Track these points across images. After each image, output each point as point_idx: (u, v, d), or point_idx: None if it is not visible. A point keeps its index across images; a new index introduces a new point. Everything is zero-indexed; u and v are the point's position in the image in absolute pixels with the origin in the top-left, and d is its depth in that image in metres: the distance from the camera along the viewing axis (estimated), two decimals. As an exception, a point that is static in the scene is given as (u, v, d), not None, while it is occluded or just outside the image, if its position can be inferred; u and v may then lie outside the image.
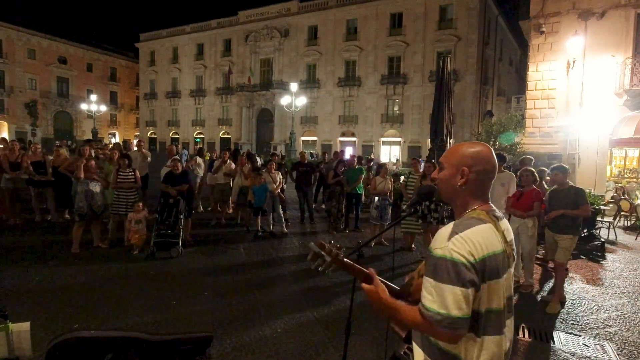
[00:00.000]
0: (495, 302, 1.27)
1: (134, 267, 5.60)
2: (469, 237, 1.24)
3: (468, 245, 1.23)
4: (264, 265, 6.01)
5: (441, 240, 1.26)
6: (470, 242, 1.23)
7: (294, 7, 38.42)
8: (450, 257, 1.22)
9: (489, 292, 1.26)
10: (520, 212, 5.10)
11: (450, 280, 1.20)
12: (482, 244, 1.25)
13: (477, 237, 1.25)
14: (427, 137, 21.69)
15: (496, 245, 1.28)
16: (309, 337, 3.70)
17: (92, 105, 34.87)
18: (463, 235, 1.24)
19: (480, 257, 1.23)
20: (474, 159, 1.37)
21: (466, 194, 1.38)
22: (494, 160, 1.39)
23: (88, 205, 6.08)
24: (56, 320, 3.81)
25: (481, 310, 1.26)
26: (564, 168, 4.94)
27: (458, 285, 1.19)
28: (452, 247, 1.23)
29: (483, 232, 1.28)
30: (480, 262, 1.23)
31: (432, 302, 1.22)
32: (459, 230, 1.26)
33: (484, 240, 1.26)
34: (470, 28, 30.51)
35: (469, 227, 1.27)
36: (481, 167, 1.37)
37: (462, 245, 1.23)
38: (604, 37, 13.31)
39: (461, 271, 1.20)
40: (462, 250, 1.22)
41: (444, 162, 1.44)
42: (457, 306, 1.19)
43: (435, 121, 10.73)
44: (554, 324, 4.23)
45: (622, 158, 15.04)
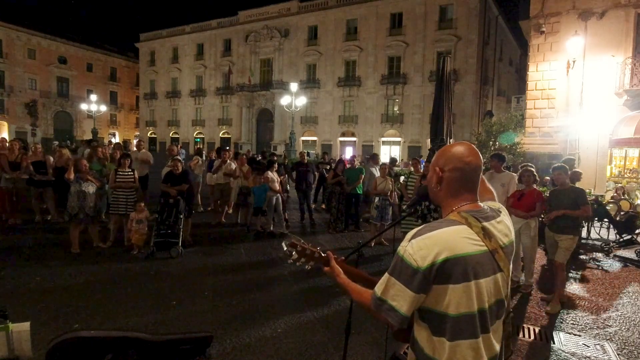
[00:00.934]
0: (464, 305, 1.23)
1: (134, 267, 5.60)
2: (428, 241, 1.23)
3: (423, 249, 1.22)
4: (264, 265, 6.01)
5: (405, 239, 1.29)
6: (426, 247, 1.22)
7: (294, 7, 38.42)
8: (402, 256, 1.26)
9: (456, 294, 1.22)
10: (522, 213, 5.10)
11: (397, 276, 1.26)
12: (444, 246, 1.22)
13: (439, 239, 1.23)
14: (427, 137, 21.71)
15: (467, 247, 1.23)
16: (309, 337, 3.70)
17: (92, 105, 34.85)
18: (423, 238, 1.24)
19: (437, 261, 1.20)
20: (447, 158, 1.36)
21: (443, 194, 1.38)
22: (471, 157, 1.34)
23: (80, 206, 6.04)
24: (56, 320, 3.82)
25: (449, 313, 1.24)
26: (566, 168, 4.95)
27: (402, 284, 1.25)
28: (408, 249, 1.25)
29: (451, 233, 1.25)
30: (434, 267, 1.21)
31: (378, 287, 1.32)
32: (422, 232, 1.26)
33: (449, 242, 1.23)
34: (470, 28, 30.50)
35: (434, 229, 1.25)
36: (453, 166, 1.34)
37: (417, 249, 1.23)
38: (604, 37, 13.31)
39: (408, 273, 1.24)
40: (416, 255, 1.22)
41: (431, 163, 1.47)
42: (395, 298, 1.26)
43: (435, 121, 10.72)
44: (554, 324, 4.23)
45: (622, 158, 15.05)
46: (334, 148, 35.75)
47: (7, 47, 42.34)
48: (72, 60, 48.12)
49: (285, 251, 1.77)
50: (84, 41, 49.93)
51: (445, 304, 1.24)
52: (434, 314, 1.27)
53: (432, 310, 1.27)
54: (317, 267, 1.73)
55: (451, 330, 1.24)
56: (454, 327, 1.24)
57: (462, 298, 1.23)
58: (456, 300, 1.23)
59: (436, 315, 1.26)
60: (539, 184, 6.76)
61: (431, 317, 1.28)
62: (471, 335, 1.25)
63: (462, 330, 1.25)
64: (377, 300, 1.30)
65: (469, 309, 1.24)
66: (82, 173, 6.15)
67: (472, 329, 1.25)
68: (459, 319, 1.24)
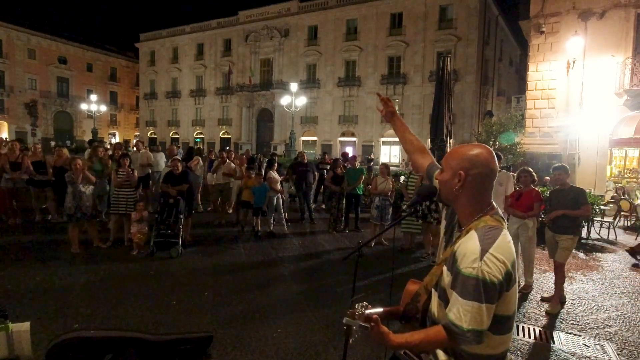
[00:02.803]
0: (513, 303, 1.35)
1: (133, 267, 5.60)
2: (498, 254, 1.27)
3: (499, 264, 1.27)
4: (264, 265, 6.01)
5: (472, 260, 1.27)
6: (500, 261, 1.27)
7: (294, 7, 38.40)
8: (482, 278, 1.25)
9: (512, 295, 1.33)
10: (520, 213, 5.10)
11: (482, 299, 1.25)
12: (507, 256, 1.29)
13: (503, 251, 1.29)
14: (427, 137, 21.68)
15: (513, 251, 1.33)
16: (309, 337, 3.70)
17: (92, 105, 34.82)
18: (494, 253, 1.27)
19: (507, 271, 1.28)
20: (472, 162, 1.36)
21: (464, 197, 1.39)
22: (493, 163, 1.39)
23: (76, 206, 6.03)
24: (56, 320, 3.81)
25: (509, 314, 1.34)
26: (566, 168, 4.96)
27: (488, 303, 1.25)
28: (485, 269, 1.25)
29: (504, 242, 1.31)
30: (507, 275, 1.28)
31: (461, 321, 1.27)
32: (487, 247, 1.28)
33: (507, 251, 1.30)
34: (470, 28, 30.50)
35: (494, 240, 1.29)
36: (478, 171, 1.36)
37: (494, 266, 1.26)
38: (604, 37, 13.31)
39: (492, 290, 1.25)
40: (495, 271, 1.26)
41: (444, 164, 1.44)
42: (485, 321, 1.26)
43: (435, 121, 10.72)
44: (554, 324, 4.23)
45: (622, 158, 15.05)
46: (334, 148, 35.73)
47: (7, 47, 42.31)
48: (72, 60, 48.10)
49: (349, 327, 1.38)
50: (84, 41, 49.90)
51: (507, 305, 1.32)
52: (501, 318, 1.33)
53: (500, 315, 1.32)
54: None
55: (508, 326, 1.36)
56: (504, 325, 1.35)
57: (512, 299, 1.34)
58: (508, 302, 1.33)
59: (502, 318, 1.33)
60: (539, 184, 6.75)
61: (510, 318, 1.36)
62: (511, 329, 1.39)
63: (508, 327, 1.36)
64: (465, 334, 1.26)
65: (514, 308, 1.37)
66: (78, 172, 6.12)
67: (513, 323, 1.40)
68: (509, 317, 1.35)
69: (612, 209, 10.04)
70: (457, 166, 1.38)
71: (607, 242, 8.37)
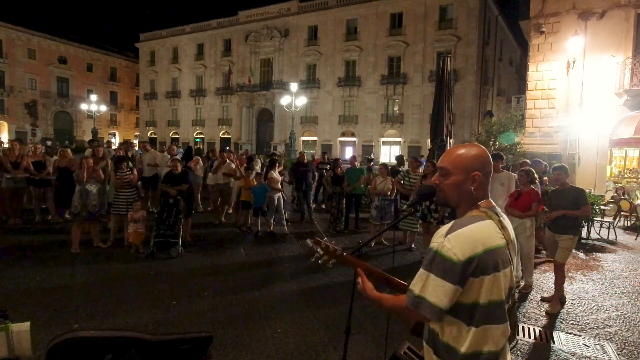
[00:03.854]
0: (496, 293, 1.32)
1: (133, 267, 5.60)
2: (464, 235, 1.30)
3: (461, 244, 1.29)
4: (264, 265, 6.01)
5: (438, 236, 1.34)
6: (464, 241, 1.29)
7: (294, 7, 38.42)
8: (439, 252, 1.30)
9: (488, 284, 1.31)
10: (518, 212, 5.10)
11: (436, 272, 1.29)
12: (479, 240, 1.30)
13: (473, 234, 1.31)
14: (427, 137, 21.71)
15: (496, 240, 1.33)
16: (309, 337, 3.70)
17: (92, 105, 34.83)
18: (459, 233, 1.31)
19: (473, 255, 1.28)
20: (482, 162, 1.43)
21: (476, 196, 1.43)
22: (491, 161, 1.49)
23: (83, 204, 6.05)
24: (56, 320, 3.81)
25: (480, 302, 1.31)
26: (566, 168, 4.97)
27: (441, 278, 1.28)
28: (446, 244, 1.29)
29: (482, 228, 1.33)
30: (472, 260, 1.28)
31: (414, 286, 1.34)
32: (456, 227, 1.33)
33: (482, 236, 1.31)
34: (470, 28, 30.51)
35: (467, 224, 1.34)
36: (487, 169, 1.45)
37: (455, 243, 1.29)
38: (604, 37, 13.30)
39: (448, 267, 1.28)
40: (455, 249, 1.28)
41: (450, 168, 1.44)
42: (434, 294, 1.29)
43: (435, 121, 10.73)
44: (554, 324, 4.24)
45: (622, 158, 15.03)
46: (334, 148, 35.76)
47: (7, 47, 42.32)
48: (72, 60, 48.10)
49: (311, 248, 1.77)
50: (84, 41, 49.90)
51: (478, 294, 1.31)
52: (465, 306, 1.32)
53: (463, 303, 1.32)
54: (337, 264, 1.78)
55: (479, 318, 1.32)
56: (484, 315, 1.32)
57: (493, 287, 1.32)
58: (488, 290, 1.31)
59: (467, 306, 1.32)
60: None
61: (461, 309, 1.33)
62: (501, 321, 1.35)
63: (492, 317, 1.33)
64: (416, 299, 1.32)
65: (499, 297, 1.33)
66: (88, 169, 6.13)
67: (502, 315, 1.35)
68: (489, 307, 1.32)
69: (612, 209, 10.04)
70: (469, 168, 1.41)
71: (607, 242, 8.37)
